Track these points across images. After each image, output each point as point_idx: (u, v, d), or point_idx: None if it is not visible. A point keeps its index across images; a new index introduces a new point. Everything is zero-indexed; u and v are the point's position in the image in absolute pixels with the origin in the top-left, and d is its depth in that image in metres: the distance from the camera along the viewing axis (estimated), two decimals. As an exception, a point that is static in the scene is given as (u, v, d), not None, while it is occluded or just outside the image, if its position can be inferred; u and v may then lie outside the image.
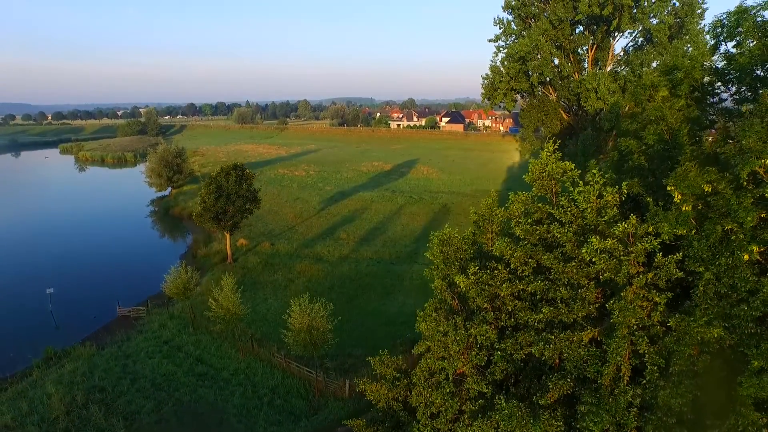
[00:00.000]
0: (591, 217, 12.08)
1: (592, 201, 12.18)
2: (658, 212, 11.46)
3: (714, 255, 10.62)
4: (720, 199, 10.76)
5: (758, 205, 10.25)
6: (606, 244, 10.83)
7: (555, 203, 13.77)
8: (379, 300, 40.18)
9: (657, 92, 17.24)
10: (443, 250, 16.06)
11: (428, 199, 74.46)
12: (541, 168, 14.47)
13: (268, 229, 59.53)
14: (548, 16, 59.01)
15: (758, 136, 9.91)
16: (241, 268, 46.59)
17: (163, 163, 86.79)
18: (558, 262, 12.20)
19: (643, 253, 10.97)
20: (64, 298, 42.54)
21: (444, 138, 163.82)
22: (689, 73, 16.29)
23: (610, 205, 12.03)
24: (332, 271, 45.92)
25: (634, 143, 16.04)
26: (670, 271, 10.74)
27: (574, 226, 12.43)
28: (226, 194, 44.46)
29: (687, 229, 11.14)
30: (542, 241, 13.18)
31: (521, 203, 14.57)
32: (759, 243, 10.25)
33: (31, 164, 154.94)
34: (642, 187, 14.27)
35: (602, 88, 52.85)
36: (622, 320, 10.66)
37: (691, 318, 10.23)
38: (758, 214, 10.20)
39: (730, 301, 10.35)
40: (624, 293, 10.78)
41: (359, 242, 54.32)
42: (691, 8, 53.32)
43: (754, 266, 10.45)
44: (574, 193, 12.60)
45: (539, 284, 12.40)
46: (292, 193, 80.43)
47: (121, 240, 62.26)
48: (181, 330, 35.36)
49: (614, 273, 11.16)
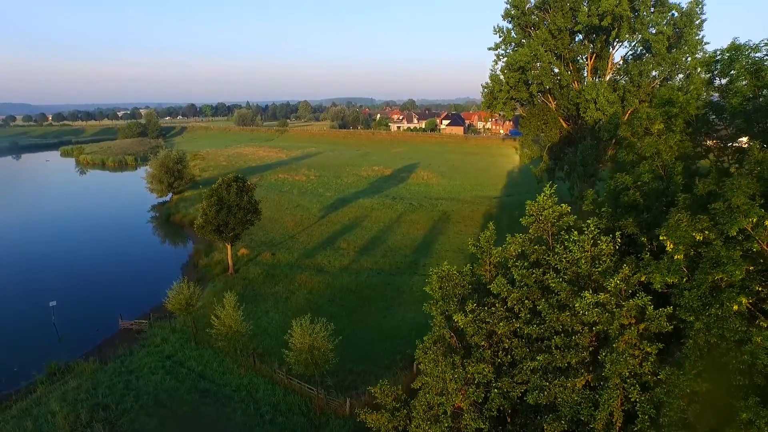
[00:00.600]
0: (585, 267, 12.41)
1: (587, 249, 12.50)
2: (651, 262, 11.78)
3: (704, 305, 10.94)
4: (711, 251, 11.08)
5: (746, 258, 10.57)
6: (599, 298, 11.15)
7: (551, 245, 14.08)
8: (380, 313, 40.49)
9: (653, 125, 17.55)
10: (442, 286, 16.35)
11: (428, 206, 74.76)
12: (538, 211, 14.78)
13: (269, 238, 59.86)
14: (548, 26, 59.32)
15: (745, 196, 10.22)
16: (242, 279, 46.92)
17: (164, 169, 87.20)
18: (553, 310, 12.53)
19: (635, 308, 11.29)
20: (66, 309, 42.85)
21: (444, 141, 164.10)
22: (684, 108, 16.60)
23: (605, 253, 12.35)
24: (333, 282, 46.23)
25: (629, 179, 16.36)
26: (660, 324, 11.06)
27: (569, 273, 12.76)
28: (227, 206, 44.79)
29: (678, 277, 11.47)
30: (538, 283, 13.50)
31: (518, 245, 14.89)
32: (748, 294, 10.56)
33: (31, 168, 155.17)
34: (636, 226, 14.57)
35: (601, 99, 53.17)
36: (614, 371, 10.99)
37: (680, 371, 10.57)
38: (746, 267, 10.51)
39: (720, 350, 10.67)
40: (616, 344, 11.10)
41: (359, 252, 54.64)
42: (689, 19, 53.58)
43: (743, 316, 10.77)
44: (569, 241, 12.92)
45: (534, 328, 12.73)
46: (292, 199, 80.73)
47: (123, 249, 62.61)
48: (183, 344, 35.69)
49: (607, 325, 11.49)
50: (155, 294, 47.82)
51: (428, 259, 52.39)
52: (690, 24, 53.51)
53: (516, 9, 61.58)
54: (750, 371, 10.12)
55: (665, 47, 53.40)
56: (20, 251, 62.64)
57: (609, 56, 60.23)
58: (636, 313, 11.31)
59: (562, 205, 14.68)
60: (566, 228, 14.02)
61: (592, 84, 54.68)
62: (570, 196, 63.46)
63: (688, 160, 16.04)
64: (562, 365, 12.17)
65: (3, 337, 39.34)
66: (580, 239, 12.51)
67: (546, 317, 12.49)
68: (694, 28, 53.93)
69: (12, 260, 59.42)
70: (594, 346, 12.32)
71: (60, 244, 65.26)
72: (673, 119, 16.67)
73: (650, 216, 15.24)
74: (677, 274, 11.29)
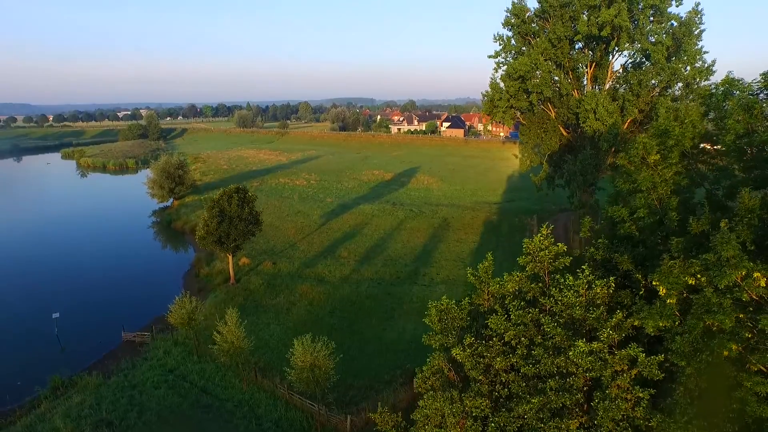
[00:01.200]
0: (580, 312, 12.72)
1: (581, 293, 12.82)
2: (643, 307, 12.09)
3: (695, 350, 11.25)
4: (702, 298, 11.38)
5: (737, 306, 10.87)
6: (592, 346, 11.47)
7: (547, 284, 14.39)
8: (380, 325, 40.78)
9: (649, 155, 17.85)
10: (441, 319, 16.64)
11: (428, 212, 75.07)
12: (535, 251, 15.09)
13: (270, 246, 60.17)
14: (548, 34, 59.57)
15: (735, 250, 10.53)
16: (243, 290, 47.23)
17: (165, 174, 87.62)
18: (548, 353, 12.85)
19: (627, 357, 11.60)
20: (69, 318, 43.20)
21: (444, 144, 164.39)
22: (680, 140, 16.90)
23: (599, 297, 12.67)
24: (333, 293, 46.55)
25: (625, 212, 16.67)
26: (652, 371, 11.37)
27: (565, 315, 13.08)
28: (229, 218, 45.10)
29: (671, 322, 11.77)
30: (534, 321, 13.83)
31: (515, 282, 15.20)
32: (738, 341, 10.87)
33: (33, 171, 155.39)
34: (631, 262, 14.88)
35: (601, 109, 53.45)
36: (607, 416, 11.30)
37: (671, 419, 10.88)
38: (736, 315, 10.81)
39: (710, 396, 10.98)
40: (608, 390, 11.41)
41: (360, 261, 54.95)
42: (688, 29, 53.83)
43: (734, 362, 11.07)
44: (564, 285, 13.21)
45: (530, 368, 13.05)
46: (293, 205, 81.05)
47: (124, 255, 62.96)
48: (186, 357, 36.04)
49: (600, 371, 11.80)
50: (157, 303, 48.26)
51: (428, 268, 52.72)
52: (689, 34, 53.76)
53: (516, 17, 61.86)
54: (740, 418, 10.43)
55: (664, 57, 53.65)
56: (23, 255, 63.09)
57: (609, 65, 60.46)
58: (628, 360, 11.63)
59: (558, 245, 14.98)
60: (562, 269, 14.35)
61: (591, 94, 54.94)
62: (570, 204, 63.81)
63: (683, 192, 16.32)
64: (557, 406, 12.49)
65: (5, 348, 39.70)
66: (575, 284, 12.83)
67: (541, 361, 12.82)
68: (693, 38, 54.17)
69: (15, 266, 59.79)
70: (588, 386, 12.63)
71: (62, 251, 65.68)
72: (669, 150, 16.97)
73: (646, 250, 15.55)
74: (670, 319, 11.60)
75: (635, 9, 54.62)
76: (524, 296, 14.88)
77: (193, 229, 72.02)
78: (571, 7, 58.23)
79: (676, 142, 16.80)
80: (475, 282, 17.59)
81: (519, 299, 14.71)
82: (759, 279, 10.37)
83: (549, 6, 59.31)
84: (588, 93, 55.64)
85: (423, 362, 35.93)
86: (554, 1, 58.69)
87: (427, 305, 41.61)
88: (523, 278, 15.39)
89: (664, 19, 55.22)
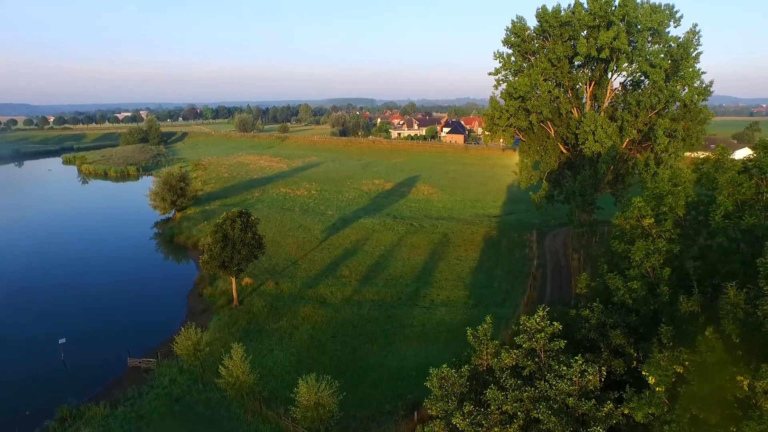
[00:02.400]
0: (572, 401, 13.38)
1: (575, 381, 13.49)
2: (633, 397, 12.76)
3: (683, 440, 11.91)
4: (689, 390, 12.03)
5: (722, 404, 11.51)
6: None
7: (543, 361, 15.04)
8: (381, 351, 41.43)
9: (644, 219, 18.47)
10: (442, 385, 17.25)
11: (428, 227, 75.71)
12: (533, 330, 15.72)
13: (272, 264, 60.75)
14: (547, 54, 60.17)
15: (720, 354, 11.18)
16: (246, 312, 47.86)
17: (167, 187, 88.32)
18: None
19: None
20: (74, 343, 43.70)
21: (444, 151, 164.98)
22: (673, 208, 17.53)
23: (592, 383, 13.33)
24: (335, 316, 47.21)
25: (620, 282, 17.32)
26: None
27: (559, 401, 13.74)
28: (232, 242, 45.73)
29: (660, 409, 12.43)
30: (531, 399, 14.48)
31: (512, 359, 15.85)
32: (723, 434, 11.52)
33: (35, 178, 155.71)
34: (624, 336, 15.54)
35: (599, 131, 54.07)
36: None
37: None
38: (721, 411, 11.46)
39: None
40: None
41: (361, 280, 55.59)
42: (686, 51, 54.46)
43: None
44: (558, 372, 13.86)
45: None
46: (294, 219, 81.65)
47: (128, 272, 63.45)
48: (191, 386, 36.68)
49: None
50: (162, 325, 49.14)
51: (429, 289, 53.35)
52: (687, 56, 54.39)
53: (516, 36, 62.47)
54: None
55: (662, 79, 54.32)
56: (28, 271, 63.66)
57: (608, 83, 61.08)
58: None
59: (554, 324, 15.59)
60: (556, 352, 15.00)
61: (590, 115, 55.53)
62: (569, 222, 64.44)
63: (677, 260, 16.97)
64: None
65: (13, 374, 40.27)
66: (569, 373, 13.49)
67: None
68: (691, 60, 54.83)
69: (19, 282, 60.36)
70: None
71: (66, 267, 66.28)
72: (663, 216, 17.61)
73: (639, 318, 16.21)
74: (659, 408, 12.26)
75: (634, 30, 55.22)
76: (521, 372, 15.52)
77: (196, 245, 72.90)
78: (571, 26, 58.89)
79: (669, 209, 17.44)
80: (475, 343, 18.22)
81: (515, 377, 15.35)
82: (742, 382, 11.02)
83: (549, 26, 59.95)
84: (587, 115, 56.21)
85: (423, 392, 36.64)
86: (553, 21, 59.35)
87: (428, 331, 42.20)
88: (520, 355, 16.01)
89: (663, 41, 55.85)
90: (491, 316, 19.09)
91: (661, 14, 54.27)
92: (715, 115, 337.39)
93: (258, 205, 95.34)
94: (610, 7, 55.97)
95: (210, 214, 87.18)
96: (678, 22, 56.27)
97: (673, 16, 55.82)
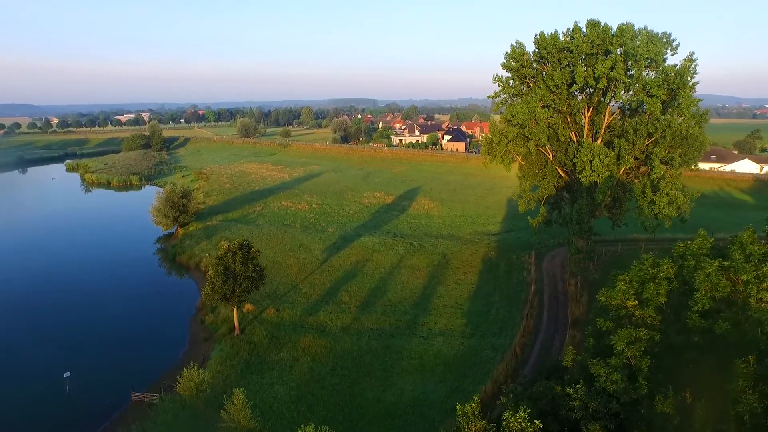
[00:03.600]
0: None
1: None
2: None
3: None
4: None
5: None
6: None
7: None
8: (379, 386, 42.16)
9: (627, 301, 19.17)
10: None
11: (428, 246, 76.44)
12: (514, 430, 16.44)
13: (273, 288, 61.47)
14: (545, 80, 60.79)
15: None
16: (247, 343, 48.64)
17: (169, 204, 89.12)
18: None
19: None
20: (77, 374, 44.56)
21: (446, 160, 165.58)
22: (653, 297, 18.24)
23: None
24: (334, 346, 47.98)
25: (602, 370, 18.03)
26: None
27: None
28: (233, 276, 46.53)
29: None
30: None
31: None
32: None
33: (39, 188, 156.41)
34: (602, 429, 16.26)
35: (596, 161, 54.66)
36: None
37: None
38: None
39: None
40: None
41: (360, 307, 56.35)
42: (682, 81, 55.03)
43: None
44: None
45: None
46: (295, 237, 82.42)
47: (131, 296, 64.22)
48: (193, 423, 37.47)
49: None
50: (165, 350, 50.28)
51: (427, 316, 54.06)
52: (684, 86, 54.98)
53: (515, 62, 63.07)
54: None
55: (659, 109, 54.96)
56: (31, 292, 64.56)
57: (606, 109, 61.66)
58: None
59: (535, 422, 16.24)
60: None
61: (588, 145, 56.12)
62: (567, 244, 65.10)
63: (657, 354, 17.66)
64: None
65: (18, 410, 41.10)
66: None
67: None
68: (687, 90, 55.44)
69: (22, 305, 61.31)
70: None
71: (68, 287, 67.16)
72: (645, 303, 18.31)
73: (619, 406, 16.93)
74: None
75: (631, 60, 55.81)
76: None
77: (198, 265, 73.85)
78: (569, 51, 59.47)
79: (651, 297, 18.15)
80: (462, 421, 18.92)
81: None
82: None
83: (547, 52, 60.58)
84: (584, 144, 56.80)
85: (420, 429, 37.31)
86: (551, 47, 59.97)
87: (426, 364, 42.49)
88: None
89: (660, 71, 56.37)
90: (488, 347, 19.67)
91: (659, 44, 54.74)
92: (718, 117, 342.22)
93: (259, 221, 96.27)
94: (607, 35, 56.53)
95: (212, 231, 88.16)
96: (675, 50, 56.77)
97: (670, 44, 56.32)
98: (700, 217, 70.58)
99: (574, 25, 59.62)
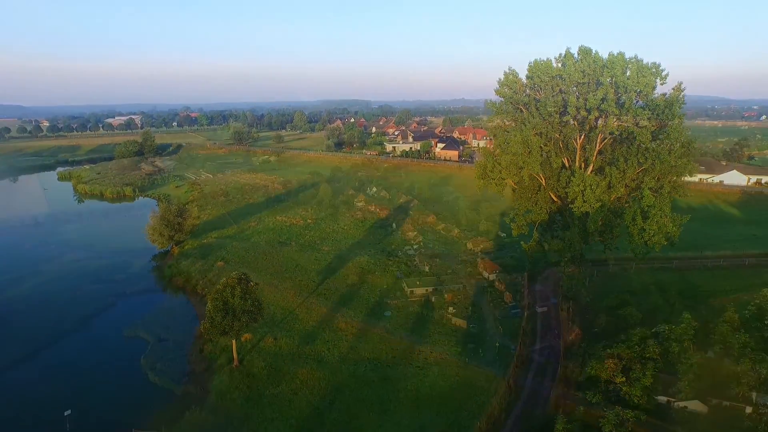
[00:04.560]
0: None
1: None
2: None
3: None
4: None
5: None
6: None
7: None
8: (377, 420, 42.90)
9: (616, 378, 20.08)
10: None
11: (422, 268, 77.29)
12: None
13: (270, 315, 61.90)
14: (538, 107, 61.90)
15: None
16: (246, 375, 49.17)
17: (164, 222, 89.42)
18: None
19: None
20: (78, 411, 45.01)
21: (439, 169, 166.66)
22: (642, 378, 19.19)
23: None
24: (332, 378, 48.67)
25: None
26: None
27: None
28: (232, 311, 47.09)
29: None
30: None
31: None
32: None
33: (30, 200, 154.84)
34: None
35: (588, 192, 55.77)
36: None
37: None
38: None
39: None
40: None
41: (357, 335, 57.07)
42: (671, 112, 56.35)
43: None
44: None
45: None
46: (291, 257, 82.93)
47: (129, 322, 64.30)
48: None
49: None
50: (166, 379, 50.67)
51: (422, 345, 54.80)
52: (672, 117, 56.32)
53: (509, 89, 64.12)
54: None
55: (648, 140, 56.28)
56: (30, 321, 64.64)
57: (597, 136, 62.79)
58: None
59: None
60: None
61: (579, 176, 57.20)
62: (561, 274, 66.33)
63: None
64: None
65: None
66: None
67: None
68: (677, 120, 56.80)
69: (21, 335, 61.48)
70: None
71: (67, 314, 67.19)
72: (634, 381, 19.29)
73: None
74: None
75: (621, 91, 57.04)
76: None
77: (195, 289, 74.22)
78: (561, 79, 60.57)
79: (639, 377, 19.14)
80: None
81: None
82: None
83: (539, 80, 61.73)
84: (576, 174, 57.87)
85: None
86: (544, 75, 61.11)
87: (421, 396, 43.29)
88: None
89: (650, 102, 57.60)
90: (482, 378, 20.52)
91: (648, 75, 55.92)
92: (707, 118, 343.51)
93: (254, 238, 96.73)
94: (599, 65, 57.64)
95: (207, 250, 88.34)
96: (664, 80, 57.98)
97: (659, 74, 57.48)
98: (690, 231, 71.38)
99: (566, 52, 60.77)
